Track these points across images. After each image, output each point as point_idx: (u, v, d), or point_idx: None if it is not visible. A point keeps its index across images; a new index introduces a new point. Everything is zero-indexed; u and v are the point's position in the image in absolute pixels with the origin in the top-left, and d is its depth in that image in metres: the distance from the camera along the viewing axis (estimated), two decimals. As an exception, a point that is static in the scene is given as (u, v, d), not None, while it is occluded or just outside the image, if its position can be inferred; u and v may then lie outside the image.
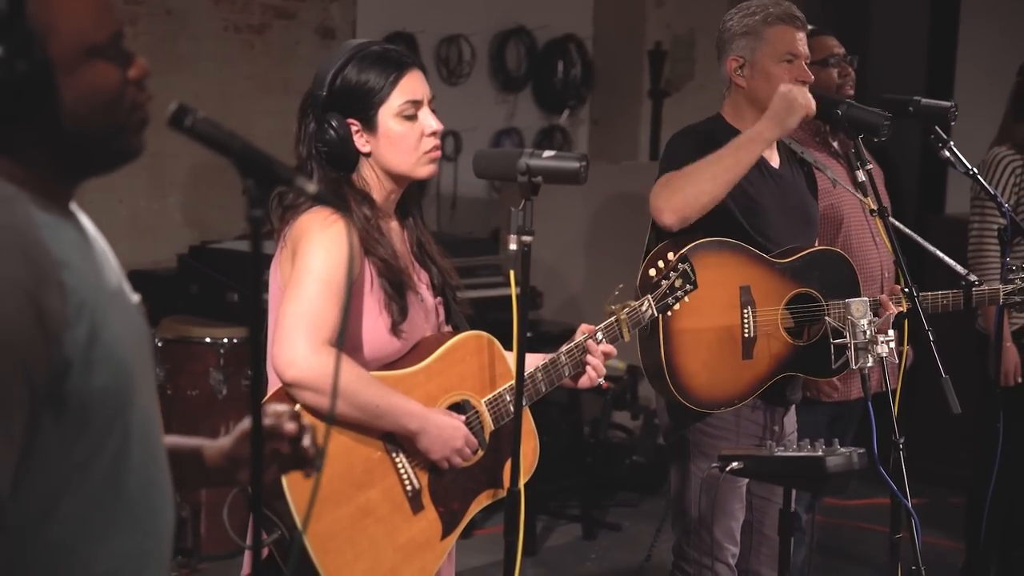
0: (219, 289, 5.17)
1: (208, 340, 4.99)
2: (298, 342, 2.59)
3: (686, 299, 3.14)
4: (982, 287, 3.74)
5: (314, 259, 2.64)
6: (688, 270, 3.13)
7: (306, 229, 2.68)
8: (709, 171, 3.34)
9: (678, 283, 3.12)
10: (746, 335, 3.46)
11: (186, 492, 1.94)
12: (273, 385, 2.69)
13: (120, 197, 5.78)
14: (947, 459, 6.02)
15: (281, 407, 2.00)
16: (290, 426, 1.97)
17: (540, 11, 7.46)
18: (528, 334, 5.82)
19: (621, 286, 3.15)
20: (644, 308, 3.09)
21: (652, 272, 3.17)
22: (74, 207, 1.70)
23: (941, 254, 3.66)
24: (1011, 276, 3.83)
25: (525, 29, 7.42)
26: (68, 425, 1.58)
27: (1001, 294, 3.81)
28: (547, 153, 2.73)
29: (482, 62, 7.28)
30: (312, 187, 1.78)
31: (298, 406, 2.57)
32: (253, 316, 1.76)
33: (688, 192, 3.34)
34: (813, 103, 3.39)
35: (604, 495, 6.04)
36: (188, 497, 4.57)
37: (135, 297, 1.75)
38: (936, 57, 8.83)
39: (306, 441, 1.97)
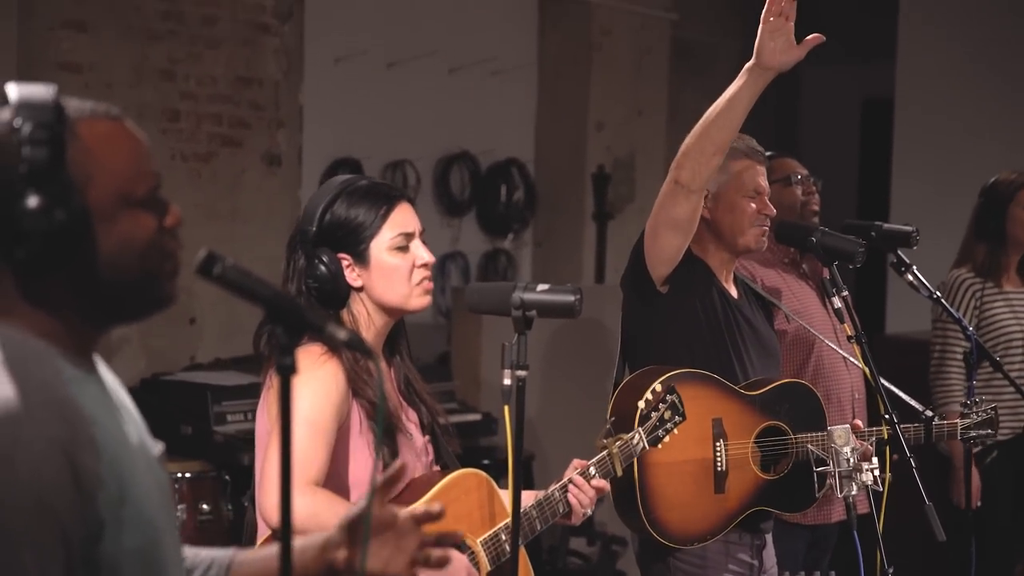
0: (172, 422, 5.07)
1: (162, 474, 4.87)
2: None
3: (675, 431, 3.11)
4: (942, 422, 3.75)
5: (300, 399, 2.59)
6: (676, 401, 3.11)
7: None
8: (714, 120, 3.24)
9: (667, 415, 3.10)
10: (718, 468, 3.43)
11: None
12: (262, 532, 2.63)
13: (66, 328, 5.67)
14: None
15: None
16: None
17: (483, 136, 7.53)
18: (484, 461, 5.79)
19: (613, 419, 3.12)
20: (636, 441, 3.06)
21: (641, 404, 3.14)
22: (96, 358, 1.65)
23: (897, 390, 3.66)
24: (966, 411, 3.83)
25: (469, 154, 7.48)
26: None
27: (959, 429, 3.81)
28: (541, 287, 2.70)
29: (427, 186, 7.32)
30: (343, 334, 1.74)
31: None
32: (286, 457, 1.70)
33: (703, 142, 3.25)
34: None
35: (562, 624, 5.96)
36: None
37: (157, 448, 1.70)
38: (868, 179, 9.00)
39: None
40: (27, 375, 1.50)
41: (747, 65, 3.18)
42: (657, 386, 3.17)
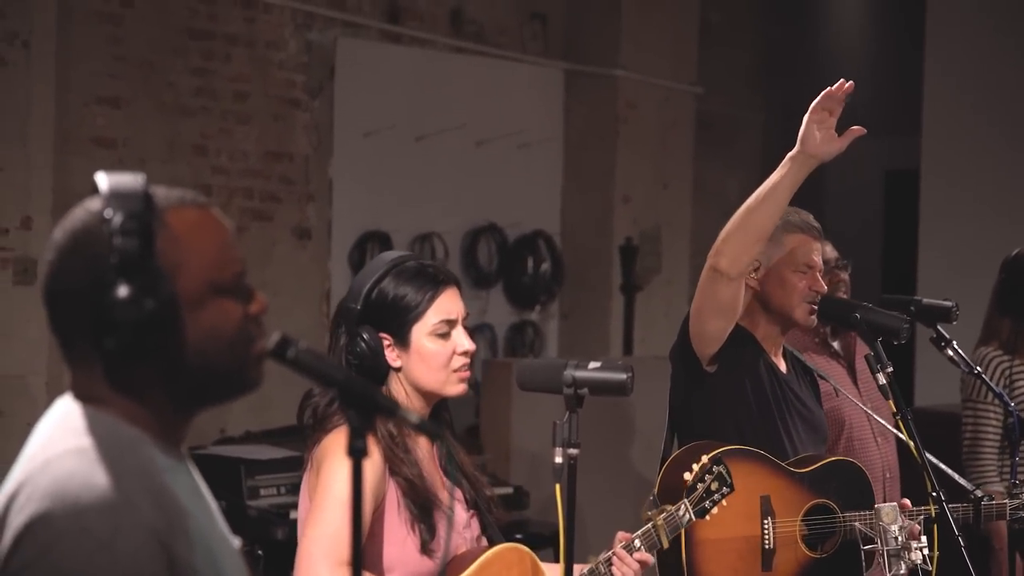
0: (205, 496, 5.05)
1: (195, 549, 4.85)
2: (316, 565, 2.54)
3: (723, 502, 3.09)
4: (991, 502, 3.71)
5: (336, 480, 2.59)
6: (723, 472, 3.09)
7: (331, 449, 2.64)
8: (756, 208, 3.24)
9: (714, 486, 3.08)
10: (766, 546, 3.40)
11: None
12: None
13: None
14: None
15: None
16: None
17: (510, 208, 7.57)
18: (517, 535, 5.74)
19: (656, 490, 3.10)
20: (681, 513, 3.04)
21: (687, 475, 3.12)
22: (184, 449, 1.66)
23: (947, 468, 3.64)
24: (1016, 491, 3.80)
25: (496, 226, 7.50)
26: None
27: (1008, 510, 3.77)
28: (592, 364, 2.69)
29: (454, 258, 7.34)
30: (414, 417, 1.75)
31: None
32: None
33: (744, 231, 3.25)
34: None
35: None
36: None
37: (236, 541, 1.71)
38: (893, 251, 9.00)
39: None
40: (123, 463, 1.51)
41: (790, 154, 3.18)
42: (704, 457, 3.16)
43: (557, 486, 2.69)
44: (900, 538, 3.23)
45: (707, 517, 3.10)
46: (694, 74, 8.21)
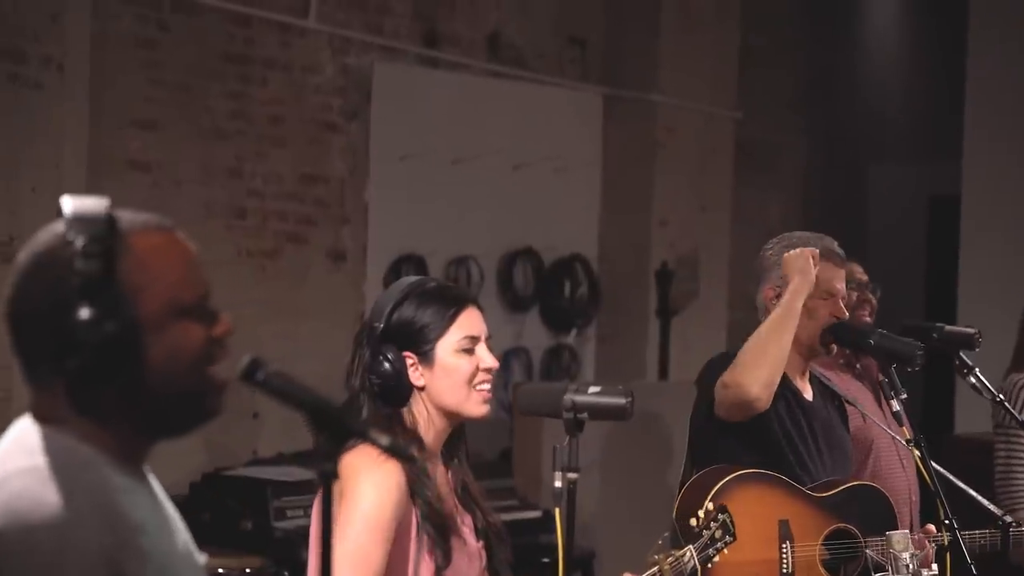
0: (232, 517, 5.09)
1: (221, 571, 4.88)
2: None
3: (725, 551, 3.09)
4: (1020, 527, 3.67)
5: (363, 498, 2.59)
6: (728, 521, 3.08)
7: (355, 468, 2.64)
8: (774, 339, 3.39)
9: (718, 534, 3.07)
10: (784, 571, 3.39)
11: None
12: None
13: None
14: None
15: None
16: None
17: (547, 232, 7.57)
18: (544, 559, 5.72)
19: (666, 534, 3.09)
20: (687, 559, 3.02)
21: (693, 521, 3.12)
22: (146, 468, 1.67)
23: (975, 493, 3.60)
24: None
25: (532, 250, 7.51)
26: None
27: None
28: (592, 388, 2.69)
29: (490, 282, 7.34)
30: (385, 440, 1.75)
31: None
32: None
33: (768, 361, 3.37)
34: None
35: None
36: None
37: (202, 558, 1.72)
38: (937, 277, 8.92)
39: None
40: (75, 482, 1.53)
41: (794, 287, 3.44)
42: (709, 505, 3.15)
43: (557, 510, 2.69)
44: (912, 566, 3.21)
45: (709, 566, 3.09)
46: (734, 99, 8.19)
